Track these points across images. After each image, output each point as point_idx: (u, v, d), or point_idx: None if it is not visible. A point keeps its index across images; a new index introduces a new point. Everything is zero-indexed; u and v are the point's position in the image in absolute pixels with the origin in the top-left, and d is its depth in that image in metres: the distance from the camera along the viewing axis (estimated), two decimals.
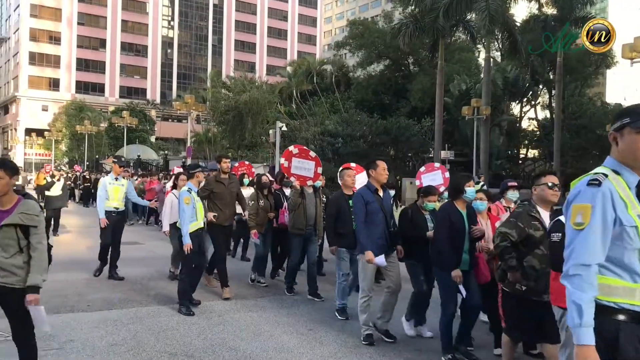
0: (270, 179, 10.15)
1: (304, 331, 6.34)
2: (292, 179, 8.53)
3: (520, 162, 47.31)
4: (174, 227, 8.49)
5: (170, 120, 75.16)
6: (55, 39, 73.94)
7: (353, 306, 6.74)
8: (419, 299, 6.30)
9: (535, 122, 46.65)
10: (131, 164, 34.81)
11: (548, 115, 45.61)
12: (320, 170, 8.63)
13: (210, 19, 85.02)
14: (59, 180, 15.75)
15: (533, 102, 45.49)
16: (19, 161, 65.39)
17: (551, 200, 4.59)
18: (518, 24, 34.58)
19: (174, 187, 9.30)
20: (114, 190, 9.15)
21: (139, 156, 39.25)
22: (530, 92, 43.43)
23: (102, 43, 76.93)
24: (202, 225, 7.34)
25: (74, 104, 63.72)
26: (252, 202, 8.96)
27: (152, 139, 63.52)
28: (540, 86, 44.38)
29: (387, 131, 34.42)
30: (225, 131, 42.27)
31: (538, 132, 45.39)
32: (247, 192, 10.05)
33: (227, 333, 6.19)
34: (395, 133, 34.62)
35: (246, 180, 12.60)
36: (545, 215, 4.57)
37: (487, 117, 32.37)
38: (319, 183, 8.69)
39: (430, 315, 6.43)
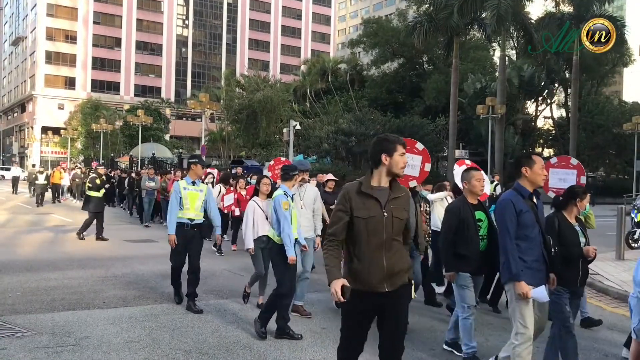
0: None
1: (318, 330, 6.34)
2: None
3: None
4: (259, 241, 6.81)
5: (184, 118, 75.56)
6: (71, 37, 74.59)
7: None
8: (566, 341, 4.86)
9: (550, 121, 46.33)
10: (146, 162, 34.96)
11: (564, 114, 45.26)
12: (428, 167, 7.04)
13: (225, 17, 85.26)
14: (103, 179, 14.18)
15: (549, 101, 45.18)
16: (35, 159, 66.19)
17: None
18: (533, 22, 34.32)
19: (255, 193, 7.36)
20: (189, 197, 7.13)
21: (153, 154, 39.41)
22: (546, 91, 43.14)
23: (118, 42, 77.48)
24: (296, 237, 6.22)
25: (90, 103, 64.17)
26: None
27: (167, 137, 63.83)
28: (556, 84, 44.07)
29: (401, 130, 34.34)
30: (239, 130, 42.36)
31: (554, 131, 45.08)
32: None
33: (241, 331, 6.21)
34: (409, 132, 34.53)
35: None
36: None
37: (502, 115, 32.17)
38: (414, 183, 7.22)
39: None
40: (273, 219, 6.19)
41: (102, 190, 13.95)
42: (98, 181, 13.58)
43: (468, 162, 8.83)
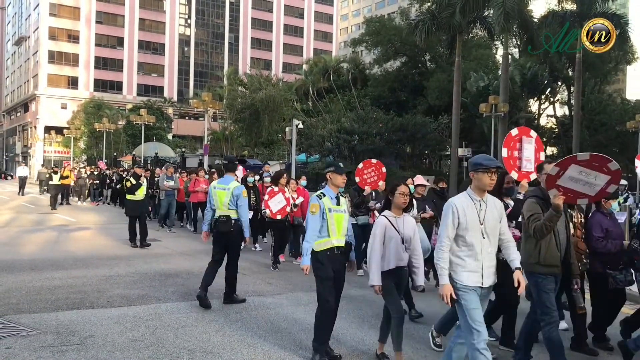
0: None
1: None
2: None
3: None
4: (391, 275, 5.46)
5: (187, 117, 75.60)
6: (74, 37, 74.66)
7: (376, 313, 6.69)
8: None
9: (553, 119, 46.21)
10: (149, 162, 34.97)
11: (567, 112, 45.17)
12: (612, 189, 5.21)
13: (227, 16, 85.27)
14: (141, 180, 12.86)
15: (552, 99, 45.07)
16: (38, 158, 66.32)
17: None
18: (536, 20, 34.25)
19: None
20: (218, 195, 7.43)
21: (156, 154, 39.48)
22: (549, 89, 43.01)
23: (120, 41, 77.52)
24: (338, 245, 5.44)
25: (93, 102, 64.29)
26: None
27: (169, 136, 63.87)
28: (559, 83, 43.95)
29: (404, 128, 34.27)
30: (242, 129, 42.36)
31: (557, 129, 44.97)
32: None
33: (245, 330, 6.22)
34: (412, 130, 34.45)
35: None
36: None
37: (505, 114, 32.09)
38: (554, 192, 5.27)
39: None
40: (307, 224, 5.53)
41: (141, 192, 12.65)
42: (128, 183, 12.60)
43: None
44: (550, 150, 48.16)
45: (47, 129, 68.96)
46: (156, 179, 17.37)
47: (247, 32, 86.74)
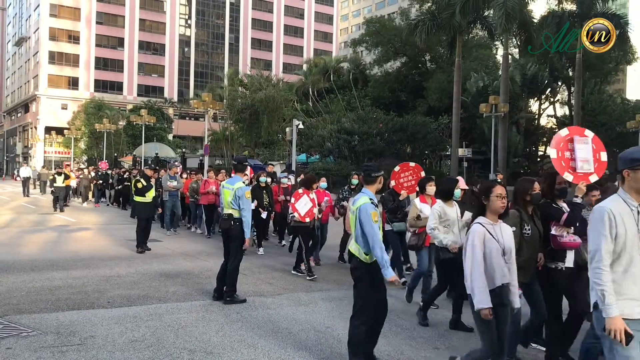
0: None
1: (322, 329, 6.35)
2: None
3: (538, 159, 46.90)
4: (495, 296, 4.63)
5: (187, 118, 75.68)
6: (74, 38, 74.73)
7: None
8: None
9: (554, 119, 46.21)
10: (149, 162, 34.93)
11: (567, 113, 45.17)
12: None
13: (227, 17, 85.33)
14: (153, 180, 12.48)
15: (552, 99, 45.08)
16: (39, 159, 66.33)
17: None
18: (535, 20, 34.26)
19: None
20: (224, 194, 7.78)
21: (157, 154, 39.51)
22: (549, 89, 43.03)
23: (121, 42, 77.59)
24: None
25: (93, 103, 64.37)
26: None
27: (170, 137, 63.95)
28: (559, 83, 43.97)
29: (404, 128, 34.30)
30: (242, 129, 42.42)
31: (557, 130, 44.96)
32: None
33: (245, 330, 6.21)
34: (412, 130, 34.48)
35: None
36: None
37: (505, 114, 32.11)
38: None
39: None
40: (357, 233, 5.09)
41: (151, 194, 12.24)
42: (139, 185, 12.16)
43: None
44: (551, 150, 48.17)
45: (48, 130, 69.04)
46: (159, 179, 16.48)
47: (247, 32, 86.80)
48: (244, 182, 7.74)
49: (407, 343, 5.92)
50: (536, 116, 45.80)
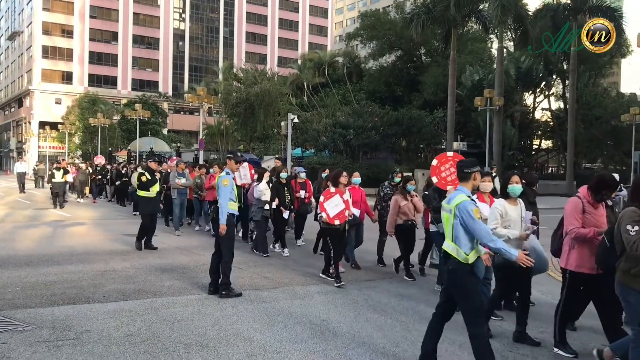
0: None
1: (318, 322, 6.37)
2: None
3: (533, 153, 47.01)
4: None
5: (182, 112, 75.40)
6: (67, 32, 74.29)
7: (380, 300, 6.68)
8: None
9: (548, 113, 46.29)
10: (144, 156, 34.82)
11: (562, 106, 45.24)
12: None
13: (222, 10, 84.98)
14: (159, 175, 11.98)
15: (546, 93, 45.13)
16: (33, 154, 66.06)
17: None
18: (530, 13, 34.29)
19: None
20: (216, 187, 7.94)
21: (151, 148, 39.41)
22: (544, 83, 43.07)
23: (114, 36, 77.20)
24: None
25: (87, 97, 64.14)
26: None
27: (165, 131, 63.79)
28: (554, 76, 44.00)
29: (399, 122, 34.30)
30: (237, 123, 42.35)
31: (551, 123, 45.05)
32: None
33: (241, 324, 6.22)
34: (407, 124, 34.48)
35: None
36: None
37: (500, 107, 32.17)
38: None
39: None
40: (456, 233, 4.70)
41: (155, 188, 11.65)
42: (144, 178, 11.55)
43: None
44: (545, 143, 48.29)
45: (42, 125, 68.72)
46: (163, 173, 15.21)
47: (242, 26, 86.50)
48: (227, 173, 7.91)
49: (406, 338, 5.94)
50: (531, 109, 45.85)
